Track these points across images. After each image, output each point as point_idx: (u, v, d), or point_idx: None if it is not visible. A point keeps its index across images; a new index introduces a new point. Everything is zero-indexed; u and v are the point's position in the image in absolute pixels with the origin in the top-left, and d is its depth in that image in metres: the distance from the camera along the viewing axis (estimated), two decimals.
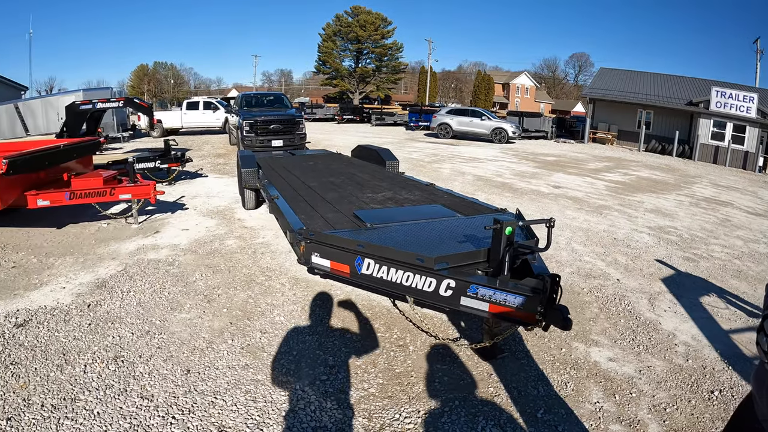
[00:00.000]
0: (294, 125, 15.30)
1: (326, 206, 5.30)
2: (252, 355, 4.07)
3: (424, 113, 33.71)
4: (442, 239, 4.01)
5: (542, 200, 10.99)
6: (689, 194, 14.05)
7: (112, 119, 20.00)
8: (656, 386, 3.91)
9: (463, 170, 14.91)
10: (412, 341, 4.40)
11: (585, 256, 7.09)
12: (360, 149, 10.15)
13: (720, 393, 3.86)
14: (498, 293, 3.14)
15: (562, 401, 3.63)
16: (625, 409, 3.59)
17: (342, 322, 4.71)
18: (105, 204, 7.79)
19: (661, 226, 9.35)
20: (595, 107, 34.10)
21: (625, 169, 18.65)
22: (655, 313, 5.31)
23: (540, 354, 4.27)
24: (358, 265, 3.63)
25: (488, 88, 74.73)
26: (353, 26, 60.39)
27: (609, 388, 3.83)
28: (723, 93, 28.49)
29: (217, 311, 4.83)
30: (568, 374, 4.00)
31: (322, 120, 40.49)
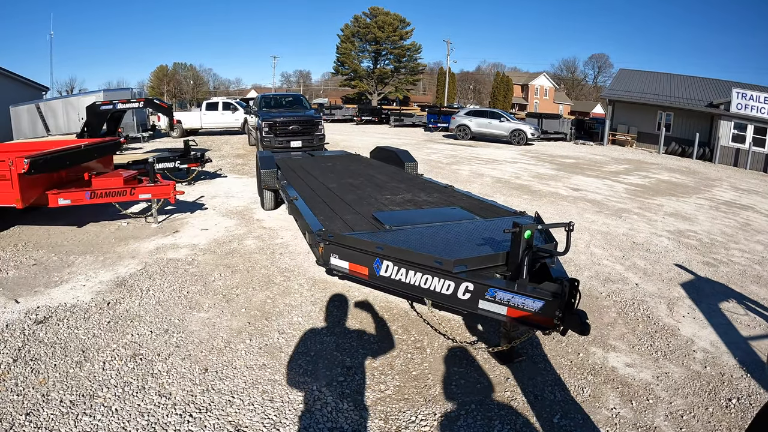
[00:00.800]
0: (313, 126, 15.35)
1: (345, 208, 5.32)
2: (270, 355, 4.11)
3: (442, 114, 33.68)
4: (460, 242, 4.02)
5: (561, 203, 10.94)
6: (709, 197, 13.88)
7: (133, 119, 20.35)
8: (673, 393, 3.88)
9: (481, 172, 14.89)
10: (429, 344, 4.42)
11: (604, 260, 7.04)
12: (379, 151, 10.16)
13: (738, 401, 3.82)
14: (516, 297, 3.15)
15: (578, 406, 3.62)
16: (641, 415, 3.56)
17: (359, 323, 4.73)
18: (125, 203, 7.91)
19: (681, 230, 9.26)
20: (615, 109, 33.81)
21: (645, 172, 18.46)
22: (673, 318, 5.27)
23: (557, 359, 4.26)
24: (377, 267, 3.66)
25: (507, 89, 74.42)
26: (371, 27, 60.47)
27: (626, 394, 3.81)
28: (744, 94, 27.92)
29: (236, 311, 4.88)
30: (585, 379, 3.98)
31: (341, 121, 40.60)
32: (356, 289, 5.41)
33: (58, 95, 42.05)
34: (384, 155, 9.68)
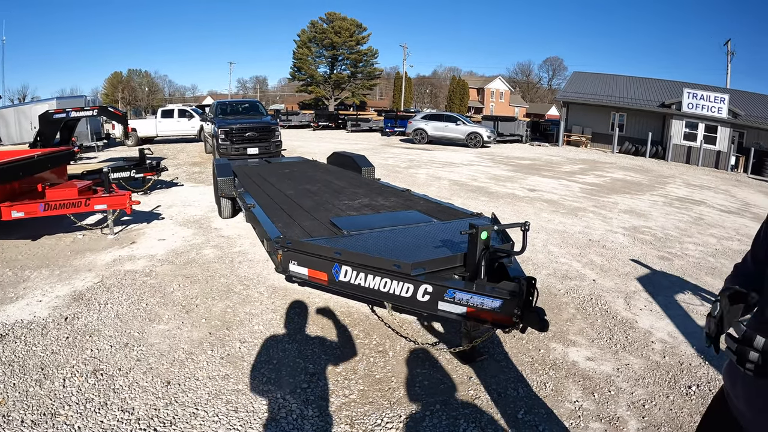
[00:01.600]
0: (269, 133, 15.33)
1: (303, 214, 5.33)
2: (232, 365, 4.08)
3: (399, 119, 33.90)
4: (418, 245, 4.09)
5: (518, 203, 11.14)
6: (663, 194, 14.35)
7: (87, 128, 19.92)
8: (634, 383, 4.02)
9: (438, 175, 15.05)
10: (391, 347, 4.45)
11: (561, 257, 7.22)
12: (336, 156, 10.20)
13: (698, 388, 3.98)
14: (475, 297, 3.21)
15: (542, 402, 3.70)
16: (604, 407, 3.68)
17: (321, 329, 4.74)
18: (80, 215, 7.73)
19: (636, 227, 9.56)
20: (569, 110, 34.79)
21: (600, 171, 18.98)
22: (631, 312, 5.45)
23: (519, 356, 4.35)
24: (336, 273, 3.69)
25: (463, 92, 75.57)
26: (328, 32, 60.40)
27: (588, 387, 3.92)
28: (694, 94, 29.43)
29: (196, 322, 4.82)
30: (547, 375, 4.08)
31: (298, 127, 40.38)
32: (316, 295, 5.42)
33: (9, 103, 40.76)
34: (341, 161, 9.72)
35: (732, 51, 43.69)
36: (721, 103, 28.85)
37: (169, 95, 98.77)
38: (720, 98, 29.01)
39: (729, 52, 43.70)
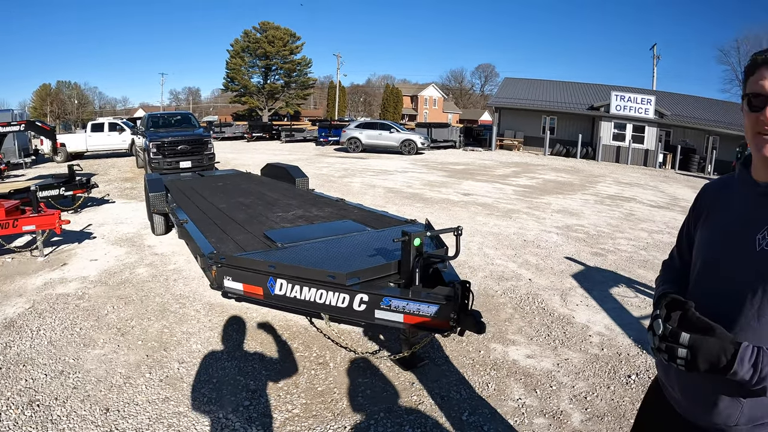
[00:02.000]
0: (202, 145, 15.09)
1: (237, 228, 5.26)
2: (172, 387, 3.96)
3: (333, 128, 33.86)
4: (353, 254, 4.10)
5: (452, 208, 11.30)
6: (594, 193, 14.88)
7: (13, 144, 19.15)
8: (575, 377, 4.13)
9: (373, 183, 15.11)
10: (332, 358, 4.42)
11: (497, 259, 7.36)
12: (269, 167, 10.13)
13: (637, 376, 4.13)
14: (411, 304, 3.25)
15: (485, 402, 3.75)
16: (547, 402, 3.76)
17: (260, 344, 4.66)
18: (8, 237, 7.35)
19: (569, 225, 9.86)
20: (501, 115, 35.81)
21: (532, 173, 19.51)
22: (567, 308, 5.60)
23: (460, 358, 4.40)
24: (271, 286, 3.65)
25: (397, 100, 76.38)
26: (261, 42, 59.64)
27: (530, 384, 4.00)
28: (622, 96, 31.15)
29: (132, 344, 4.67)
30: (488, 375, 4.14)
31: (232, 138, 39.64)
32: (254, 310, 5.33)
33: None
34: (275, 172, 9.66)
35: (658, 55, 46.40)
36: (647, 104, 30.68)
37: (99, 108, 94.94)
38: (647, 99, 30.85)
39: (655, 56, 46.34)
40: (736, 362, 1.25)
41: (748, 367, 1.25)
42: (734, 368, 1.25)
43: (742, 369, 1.25)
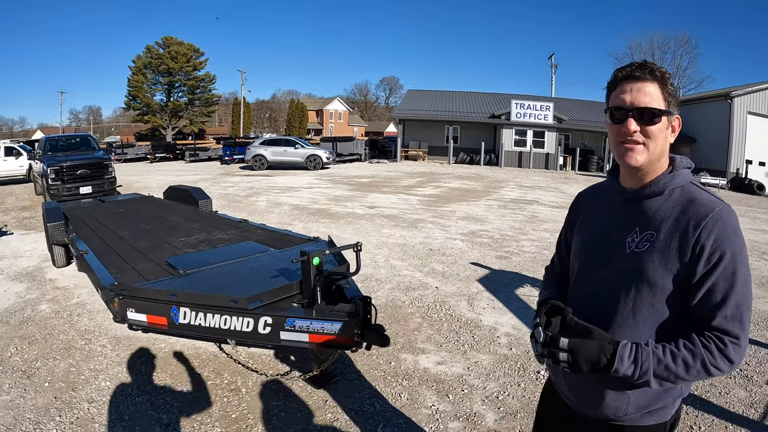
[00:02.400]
0: (102, 169, 14.56)
1: (138, 256, 5.11)
2: (83, 428, 3.77)
3: (238, 146, 33.31)
4: (255, 277, 4.09)
5: (358, 222, 11.38)
6: (498, 198, 15.42)
7: None
8: (486, 378, 4.27)
9: (279, 201, 14.97)
10: (243, 383, 4.36)
11: (403, 270, 7.47)
12: (172, 190, 9.88)
13: (546, 372, 4.29)
14: (315, 323, 3.27)
15: (399, 412, 3.80)
16: (460, 405, 3.86)
17: (171, 376, 4.52)
18: None
19: (474, 231, 10.18)
20: (405, 127, 36.70)
21: (437, 182, 19.99)
22: (475, 312, 5.78)
23: (371, 371, 4.43)
24: (175, 315, 3.58)
25: (302, 115, 76.57)
26: (164, 58, 57.50)
27: (442, 390, 4.09)
28: (522, 104, 33.17)
29: (39, 387, 4.40)
30: (401, 385, 4.19)
31: (134, 160, 37.94)
32: (162, 340, 5.17)
33: None
34: (177, 194, 9.43)
35: (556, 64, 49.35)
36: (546, 110, 32.90)
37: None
38: (545, 106, 33.13)
39: (553, 65, 49.17)
40: (616, 360, 1.38)
41: (628, 363, 1.39)
42: (615, 366, 1.38)
43: (622, 366, 1.39)
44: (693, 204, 1.45)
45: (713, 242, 1.38)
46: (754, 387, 4.39)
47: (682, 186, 1.51)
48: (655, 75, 1.49)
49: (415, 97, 40.60)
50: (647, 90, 1.48)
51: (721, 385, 4.35)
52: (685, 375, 1.38)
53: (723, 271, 1.38)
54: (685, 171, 1.55)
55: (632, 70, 1.51)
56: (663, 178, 1.52)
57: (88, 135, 18.71)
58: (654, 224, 1.50)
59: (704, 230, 1.39)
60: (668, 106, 1.49)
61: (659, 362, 1.38)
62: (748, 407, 4.05)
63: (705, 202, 1.44)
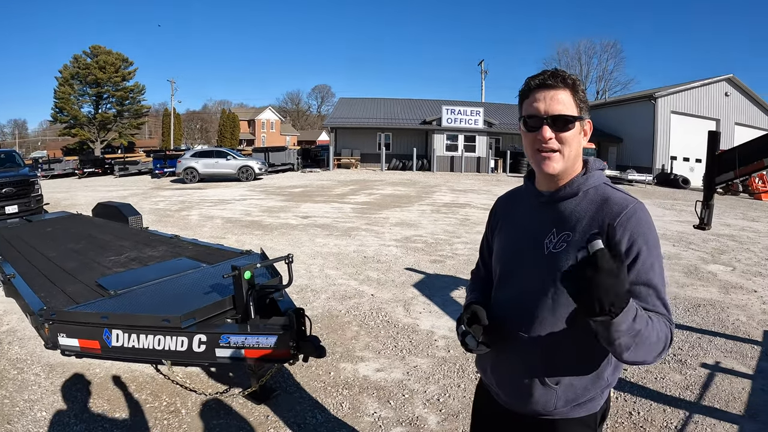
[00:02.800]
0: (29, 186, 13.82)
1: (68, 278, 4.92)
2: None
3: (169, 159, 32.43)
4: (187, 294, 4.02)
5: (292, 232, 11.29)
6: (430, 203, 15.63)
7: None
8: (426, 382, 4.32)
9: (211, 214, 14.69)
10: (183, 404, 4.26)
11: (339, 279, 7.47)
12: (101, 207, 9.56)
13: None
14: (249, 338, 3.25)
15: (341, 422, 3.80)
16: (402, 411, 3.89)
17: (108, 401, 4.37)
18: None
19: (408, 237, 10.29)
20: (338, 135, 36.81)
21: (370, 190, 20.10)
22: (411, 317, 5.84)
23: (311, 383, 4.41)
24: (107, 338, 3.48)
25: (233, 125, 75.71)
26: (92, 68, 54.94)
27: (383, 397, 4.11)
28: (452, 110, 34.04)
29: None
30: (341, 395, 4.19)
31: (62, 176, 36.29)
32: (97, 365, 4.98)
33: None
34: (107, 211, 9.15)
35: (485, 70, 50.54)
36: (476, 115, 33.95)
37: None
38: (476, 111, 34.17)
39: (483, 71, 50.39)
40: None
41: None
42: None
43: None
44: (607, 203, 1.52)
45: (628, 238, 1.44)
46: (688, 370, 4.63)
47: (596, 186, 1.58)
48: (567, 83, 1.54)
49: (347, 104, 40.78)
50: (560, 98, 1.53)
51: (656, 370, 4.57)
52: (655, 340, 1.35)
53: (642, 264, 1.44)
54: (598, 172, 1.61)
55: (545, 79, 1.55)
56: (577, 180, 1.59)
57: (12, 150, 17.86)
58: (570, 224, 1.56)
59: (619, 227, 1.45)
60: (580, 112, 1.55)
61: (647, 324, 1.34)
62: (684, 389, 4.27)
63: (618, 200, 1.51)
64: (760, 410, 3.99)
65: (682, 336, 5.44)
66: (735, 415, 3.92)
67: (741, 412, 3.96)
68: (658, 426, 3.77)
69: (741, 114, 34.56)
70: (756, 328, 5.77)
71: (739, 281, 7.65)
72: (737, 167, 5.60)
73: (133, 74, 59.37)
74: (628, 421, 3.81)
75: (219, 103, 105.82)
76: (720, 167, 5.80)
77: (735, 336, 5.50)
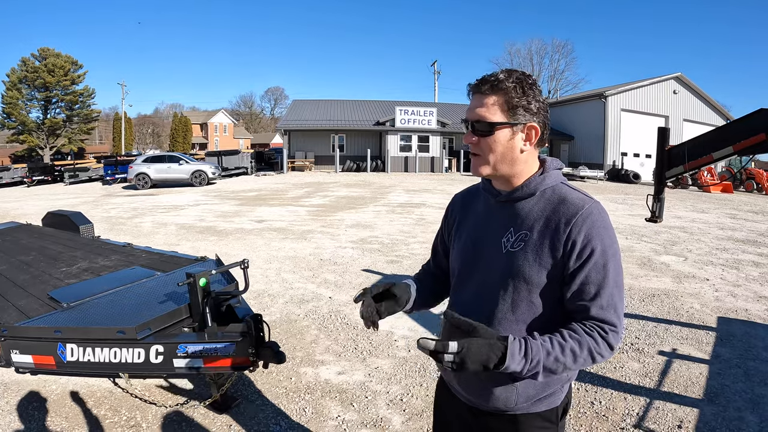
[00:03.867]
0: None
1: (18, 292, 4.76)
2: None
3: (120, 164, 31.74)
4: (143, 304, 3.92)
5: (247, 237, 11.18)
6: (385, 203, 15.67)
7: None
8: (388, 383, 4.33)
9: (165, 221, 14.41)
10: (143, 418, 4.16)
11: (296, 282, 7.42)
12: (51, 216, 9.28)
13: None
14: (207, 346, 3.20)
15: (305, 427, 3.77)
16: (365, 413, 3.89)
17: (66, 419, 4.24)
18: None
19: (363, 238, 10.31)
20: (291, 137, 36.60)
21: (324, 192, 20.05)
22: None
23: (272, 389, 4.37)
24: (62, 353, 3.38)
25: (186, 129, 74.56)
26: (41, 71, 53.15)
27: (345, 399, 4.10)
28: (406, 111, 34.35)
29: None
30: (304, 400, 4.16)
31: (11, 185, 34.99)
32: (53, 381, 4.83)
33: None
34: (57, 221, 8.89)
35: (438, 70, 51.12)
36: (430, 116, 34.32)
37: None
38: (429, 112, 34.53)
39: (436, 71, 50.99)
40: (508, 358, 1.35)
41: (519, 358, 1.37)
42: (506, 364, 1.36)
43: (513, 362, 1.36)
44: (563, 203, 1.53)
45: (584, 238, 1.46)
46: (646, 358, 4.77)
47: (553, 186, 1.59)
48: (499, 88, 1.54)
49: (300, 107, 40.67)
50: (485, 102, 1.55)
51: (615, 360, 4.70)
52: (572, 365, 1.43)
53: (594, 265, 1.46)
54: (555, 172, 1.63)
55: (477, 84, 1.58)
56: (534, 180, 1.60)
57: None
58: (527, 224, 1.57)
59: (575, 227, 1.47)
60: (511, 117, 1.54)
61: (548, 354, 1.41)
62: (643, 377, 4.39)
63: (575, 200, 1.52)
64: (718, 393, 4.14)
65: (638, 325, 5.60)
66: (694, 399, 4.06)
67: (700, 396, 4.10)
68: (621, 414, 3.86)
69: (689, 111, 35.97)
70: (710, 315, 5.98)
71: (692, 271, 7.91)
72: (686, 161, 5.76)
73: (83, 77, 57.95)
74: (590, 411, 3.90)
75: (171, 106, 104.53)
76: (670, 162, 5.96)
77: (690, 323, 5.70)
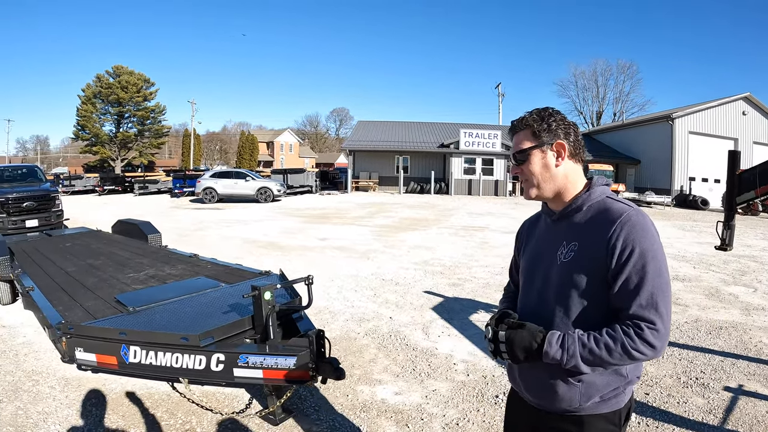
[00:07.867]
0: (49, 201, 14.03)
1: (86, 293, 4.98)
2: None
3: (188, 178, 32.87)
4: (206, 313, 4.04)
5: (309, 254, 11.31)
6: (449, 226, 15.56)
7: None
8: (445, 406, 4.26)
9: (230, 234, 14.76)
10: (198, 423, 4.23)
11: (357, 301, 7.44)
12: (120, 224, 9.68)
13: (504, 395, 4.34)
14: (268, 358, 3.24)
15: None
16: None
17: (122, 418, 4.36)
18: None
19: (426, 260, 10.24)
20: (356, 158, 37.06)
21: (387, 212, 20.09)
22: (430, 340, 5.78)
23: (329, 405, 4.36)
24: (125, 354, 3.50)
25: (252, 147, 76.46)
26: (114, 87, 56.14)
27: (401, 420, 4.05)
28: (470, 133, 34.39)
29: None
30: (359, 418, 4.14)
31: (82, 192, 36.95)
32: (113, 381, 4.98)
33: None
34: (126, 229, 9.26)
35: (502, 93, 50.98)
36: (494, 138, 34.11)
37: None
38: (493, 134, 34.40)
39: (500, 94, 50.91)
40: (545, 344, 1.66)
41: (556, 347, 1.65)
42: (545, 349, 1.66)
43: (551, 349, 1.65)
44: (607, 212, 1.71)
45: (623, 241, 1.62)
46: (711, 394, 4.54)
47: (599, 200, 1.78)
48: (525, 124, 1.87)
49: (365, 127, 41.23)
50: (519, 138, 1.89)
51: (678, 395, 4.49)
52: (609, 358, 1.60)
53: (634, 266, 1.60)
54: (600, 188, 1.82)
55: (511, 128, 1.94)
56: (581, 197, 1.81)
57: (35, 166, 18.13)
58: (576, 236, 1.77)
59: (615, 231, 1.64)
60: (537, 140, 1.83)
61: (584, 346, 1.62)
62: (707, 413, 4.18)
63: (616, 209, 1.70)
64: None
65: (704, 359, 5.35)
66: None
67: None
68: None
69: (759, 133, 34.43)
70: None
71: (761, 303, 7.53)
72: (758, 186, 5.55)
73: (155, 95, 60.45)
74: None
75: (238, 124, 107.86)
76: (740, 187, 5.75)
77: (758, 358, 5.40)
